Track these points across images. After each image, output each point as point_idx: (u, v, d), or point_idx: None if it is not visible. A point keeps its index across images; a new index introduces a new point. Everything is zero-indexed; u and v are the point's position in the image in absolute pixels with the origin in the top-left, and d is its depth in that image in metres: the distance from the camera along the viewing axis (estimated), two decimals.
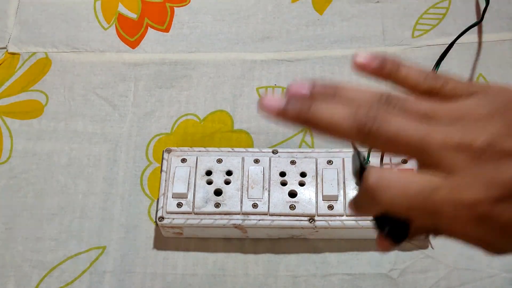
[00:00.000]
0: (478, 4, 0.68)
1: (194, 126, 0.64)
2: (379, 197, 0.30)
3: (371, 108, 0.31)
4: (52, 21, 0.70)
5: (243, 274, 0.56)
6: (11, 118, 0.65)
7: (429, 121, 0.30)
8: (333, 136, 0.32)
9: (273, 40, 0.68)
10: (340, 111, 0.31)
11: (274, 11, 0.70)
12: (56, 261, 0.57)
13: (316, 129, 0.32)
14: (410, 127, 0.30)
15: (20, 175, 0.62)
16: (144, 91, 0.66)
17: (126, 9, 0.70)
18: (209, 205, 0.55)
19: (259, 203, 0.55)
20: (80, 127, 0.64)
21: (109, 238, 0.58)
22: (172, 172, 0.57)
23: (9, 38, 0.69)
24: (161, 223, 0.55)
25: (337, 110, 0.31)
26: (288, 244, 0.57)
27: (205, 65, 0.67)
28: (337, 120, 0.31)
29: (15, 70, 0.67)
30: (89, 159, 0.62)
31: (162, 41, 0.69)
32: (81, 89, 0.66)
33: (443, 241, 0.56)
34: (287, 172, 0.56)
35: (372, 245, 0.56)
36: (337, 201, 0.55)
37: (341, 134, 0.31)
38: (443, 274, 0.55)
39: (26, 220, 0.59)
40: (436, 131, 0.30)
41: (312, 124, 0.32)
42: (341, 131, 0.31)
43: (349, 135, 0.31)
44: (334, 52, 0.67)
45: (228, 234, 0.57)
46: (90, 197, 0.60)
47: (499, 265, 0.55)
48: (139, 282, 0.56)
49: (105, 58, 0.68)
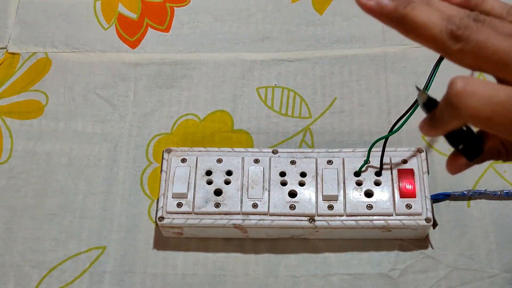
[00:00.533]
0: None
1: (194, 126, 0.64)
2: (464, 104, 0.31)
3: (463, 19, 0.32)
4: (52, 21, 0.70)
5: (243, 274, 0.56)
6: (11, 118, 0.65)
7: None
8: (422, 38, 0.33)
9: (273, 40, 0.68)
10: (435, 14, 0.32)
11: (274, 11, 0.70)
12: (56, 261, 0.57)
13: (408, 28, 0.33)
14: (499, 39, 0.31)
15: (20, 175, 0.62)
16: (144, 91, 0.66)
17: (126, 9, 0.70)
18: (209, 205, 0.55)
19: (259, 203, 0.55)
20: (80, 127, 0.64)
21: (109, 238, 0.58)
22: (172, 172, 0.57)
23: (9, 38, 0.69)
24: (161, 223, 0.55)
25: (432, 13, 0.33)
26: (288, 244, 0.57)
27: (205, 65, 0.67)
28: (431, 21, 0.32)
29: (15, 70, 0.67)
30: (89, 159, 0.62)
31: (162, 41, 0.69)
32: (81, 89, 0.66)
33: (444, 241, 0.56)
34: (287, 172, 0.56)
35: (372, 245, 0.56)
36: (337, 201, 0.55)
37: (431, 37, 0.32)
38: (443, 274, 0.55)
39: (26, 220, 0.59)
40: None
41: (405, 22, 0.33)
42: (432, 33, 0.32)
43: (439, 39, 0.32)
44: (334, 52, 0.67)
45: (228, 234, 0.57)
46: (90, 197, 0.60)
47: (500, 265, 0.55)
48: (139, 282, 0.56)
49: (105, 58, 0.68)
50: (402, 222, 0.54)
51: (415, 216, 0.54)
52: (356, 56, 0.66)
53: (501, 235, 0.56)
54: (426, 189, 0.55)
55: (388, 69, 0.65)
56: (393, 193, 0.55)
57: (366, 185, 0.55)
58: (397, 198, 0.54)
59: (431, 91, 0.60)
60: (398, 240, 0.56)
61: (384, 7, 0.34)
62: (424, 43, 0.33)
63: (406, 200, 0.54)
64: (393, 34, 0.67)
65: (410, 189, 0.54)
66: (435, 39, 0.32)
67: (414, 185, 0.55)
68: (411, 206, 0.54)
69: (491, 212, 0.57)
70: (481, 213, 0.57)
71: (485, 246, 0.56)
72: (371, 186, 0.55)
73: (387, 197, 0.55)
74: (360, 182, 0.56)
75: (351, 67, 0.66)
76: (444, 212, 0.58)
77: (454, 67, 0.68)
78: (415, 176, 0.55)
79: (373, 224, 0.54)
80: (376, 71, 0.65)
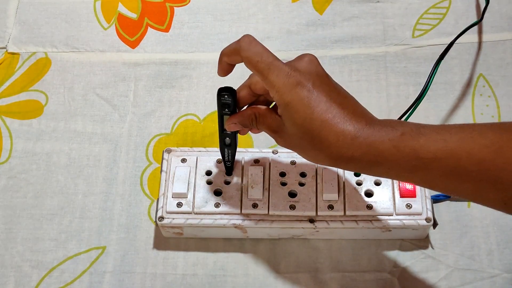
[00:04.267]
0: (478, 4, 0.68)
1: (194, 126, 0.64)
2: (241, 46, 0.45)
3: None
4: (52, 21, 0.70)
5: (243, 274, 0.56)
6: (11, 118, 0.64)
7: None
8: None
9: (273, 40, 0.68)
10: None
11: (274, 11, 0.70)
12: (56, 261, 0.57)
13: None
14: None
15: (20, 175, 0.61)
16: (144, 91, 0.66)
17: (126, 9, 0.70)
18: (209, 205, 0.55)
19: (259, 203, 0.55)
20: (80, 127, 0.64)
21: (109, 238, 0.58)
22: (172, 172, 0.57)
23: (9, 38, 0.69)
24: (161, 223, 0.55)
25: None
26: (288, 244, 0.57)
27: (205, 65, 0.67)
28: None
29: (15, 70, 0.67)
30: (89, 159, 0.62)
31: (162, 41, 0.69)
32: (81, 89, 0.66)
33: (444, 241, 0.56)
34: (287, 172, 0.56)
35: (373, 245, 0.56)
36: (337, 201, 0.55)
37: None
38: (443, 274, 0.55)
39: (26, 220, 0.59)
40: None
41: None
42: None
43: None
44: (334, 52, 0.67)
45: (228, 234, 0.56)
46: (90, 197, 0.60)
47: (500, 265, 0.55)
48: (139, 282, 0.56)
49: (105, 58, 0.68)
50: (402, 222, 0.53)
51: (415, 216, 0.54)
52: (356, 56, 0.66)
53: (501, 235, 0.56)
54: (426, 189, 0.55)
55: (389, 69, 0.65)
56: (393, 193, 0.55)
57: (366, 185, 0.55)
58: (397, 198, 0.54)
59: (431, 91, 0.60)
60: (398, 240, 0.56)
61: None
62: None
63: (406, 200, 0.54)
64: (394, 34, 0.67)
65: (410, 189, 0.54)
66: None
67: (414, 185, 0.55)
68: (411, 206, 0.54)
69: (491, 212, 0.57)
70: (481, 214, 0.57)
71: (485, 246, 0.56)
72: (371, 186, 0.55)
73: (387, 197, 0.54)
74: (360, 182, 0.55)
75: (351, 67, 0.66)
76: (444, 212, 0.57)
77: (454, 67, 0.68)
78: None
79: (373, 224, 0.54)
80: (376, 71, 0.65)
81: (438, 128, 0.42)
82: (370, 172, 0.45)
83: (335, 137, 0.43)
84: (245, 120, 0.49)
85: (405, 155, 0.42)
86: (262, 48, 0.45)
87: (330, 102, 0.44)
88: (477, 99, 0.63)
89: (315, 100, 0.44)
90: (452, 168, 0.41)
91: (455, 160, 0.40)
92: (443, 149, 0.41)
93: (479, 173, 0.40)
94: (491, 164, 0.39)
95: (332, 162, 0.45)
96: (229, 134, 0.53)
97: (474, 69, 0.65)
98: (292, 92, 0.44)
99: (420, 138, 0.42)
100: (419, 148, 0.41)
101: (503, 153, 0.39)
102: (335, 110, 0.44)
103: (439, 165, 0.41)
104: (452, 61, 0.65)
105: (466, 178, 0.40)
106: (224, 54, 0.48)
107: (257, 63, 0.45)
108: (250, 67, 0.46)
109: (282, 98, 0.44)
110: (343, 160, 0.44)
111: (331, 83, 0.46)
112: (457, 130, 0.41)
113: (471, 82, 0.64)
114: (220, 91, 0.49)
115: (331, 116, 0.43)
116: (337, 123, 0.43)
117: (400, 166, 0.42)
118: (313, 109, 0.43)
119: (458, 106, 0.63)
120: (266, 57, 0.45)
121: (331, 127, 0.43)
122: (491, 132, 0.40)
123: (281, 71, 0.44)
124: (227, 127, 0.51)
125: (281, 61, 0.45)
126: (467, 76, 0.64)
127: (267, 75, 0.44)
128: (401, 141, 0.42)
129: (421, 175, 0.42)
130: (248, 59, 0.45)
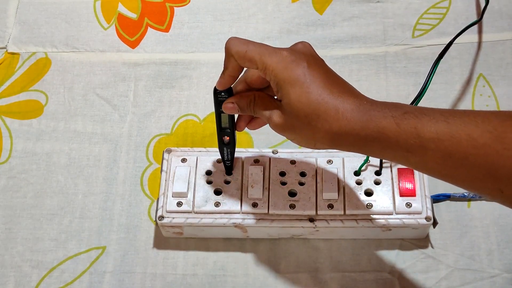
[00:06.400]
0: (478, 4, 0.68)
1: (194, 126, 0.64)
2: (230, 46, 0.46)
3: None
4: (52, 21, 0.70)
5: (243, 274, 0.56)
6: (11, 118, 0.64)
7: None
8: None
9: (273, 40, 0.68)
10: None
11: (274, 11, 0.70)
12: (56, 261, 0.57)
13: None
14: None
15: (20, 175, 0.61)
16: (144, 91, 0.66)
17: (126, 9, 0.70)
18: (209, 204, 0.55)
19: (259, 202, 0.55)
20: (80, 127, 0.64)
21: (109, 238, 0.58)
22: (172, 172, 0.57)
23: (9, 38, 0.69)
24: (161, 222, 0.55)
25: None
26: (288, 244, 0.57)
27: (205, 65, 0.67)
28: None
29: (15, 70, 0.67)
30: (89, 159, 0.62)
31: (162, 41, 0.69)
32: (81, 89, 0.66)
33: (444, 241, 0.56)
34: (287, 171, 0.56)
35: (373, 245, 0.56)
36: (337, 201, 0.55)
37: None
38: (444, 274, 0.55)
39: (26, 220, 0.59)
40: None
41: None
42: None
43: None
44: (334, 52, 0.67)
45: (228, 233, 0.56)
46: (90, 197, 0.60)
47: (500, 265, 0.55)
48: (139, 282, 0.56)
49: (105, 58, 0.68)
50: (402, 221, 0.53)
51: (415, 215, 0.54)
52: (356, 56, 0.66)
53: (501, 235, 0.56)
54: (426, 188, 0.55)
55: (389, 69, 0.65)
56: (393, 192, 0.55)
57: (366, 184, 0.55)
58: (397, 197, 0.54)
59: (431, 91, 0.60)
60: (398, 240, 0.56)
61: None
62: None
63: (406, 199, 0.54)
64: (394, 34, 0.67)
65: (410, 188, 0.54)
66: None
67: (414, 184, 0.55)
68: (411, 204, 0.54)
69: (491, 212, 0.57)
70: (481, 213, 0.57)
71: (485, 246, 0.56)
72: (371, 185, 0.55)
73: (387, 196, 0.54)
74: (360, 181, 0.55)
75: (352, 67, 0.66)
76: (444, 212, 0.57)
77: (454, 67, 0.68)
78: (415, 175, 0.55)
79: (373, 223, 0.54)
80: (376, 71, 0.65)
81: (441, 110, 0.42)
82: (364, 150, 0.44)
83: (334, 110, 0.43)
84: (243, 100, 0.49)
85: (406, 132, 0.41)
86: (247, 40, 0.46)
87: (327, 79, 0.44)
88: (477, 99, 0.63)
89: (312, 76, 0.44)
90: (451, 150, 0.40)
91: (455, 142, 0.40)
92: (444, 130, 0.40)
93: (478, 157, 0.39)
94: (491, 149, 0.39)
95: (328, 139, 0.44)
96: (227, 133, 0.53)
97: (474, 69, 0.65)
98: (288, 69, 0.44)
99: (423, 118, 0.41)
100: (420, 127, 0.41)
101: (505, 138, 0.38)
102: (333, 86, 0.44)
103: (438, 145, 0.40)
104: (452, 61, 0.65)
105: (464, 162, 0.40)
106: (224, 68, 0.48)
107: (246, 52, 0.45)
108: (243, 61, 0.46)
109: (278, 76, 0.44)
110: (340, 135, 0.43)
111: (326, 66, 0.46)
112: (461, 114, 0.41)
113: (471, 82, 0.64)
114: (216, 90, 0.49)
115: (329, 92, 0.43)
116: (336, 97, 0.43)
117: (398, 144, 0.42)
118: (309, 84, 0.44)
119: (458, 106, 0.63)
120: (253, 45, 0.46)
121: (330, 101, 0.43)
122: (495, 119, 0.40)
123: (274, 52, 0.45)
124: (224, 107, 0.50)
125: (271, 46, 0.46)
126: (467, 76, 0.64)
127: (260, 59, 0.45)
128: (403, 118, 0.42)
129: (418, 155, 0.42)
130: (238, 53, 0.46)
